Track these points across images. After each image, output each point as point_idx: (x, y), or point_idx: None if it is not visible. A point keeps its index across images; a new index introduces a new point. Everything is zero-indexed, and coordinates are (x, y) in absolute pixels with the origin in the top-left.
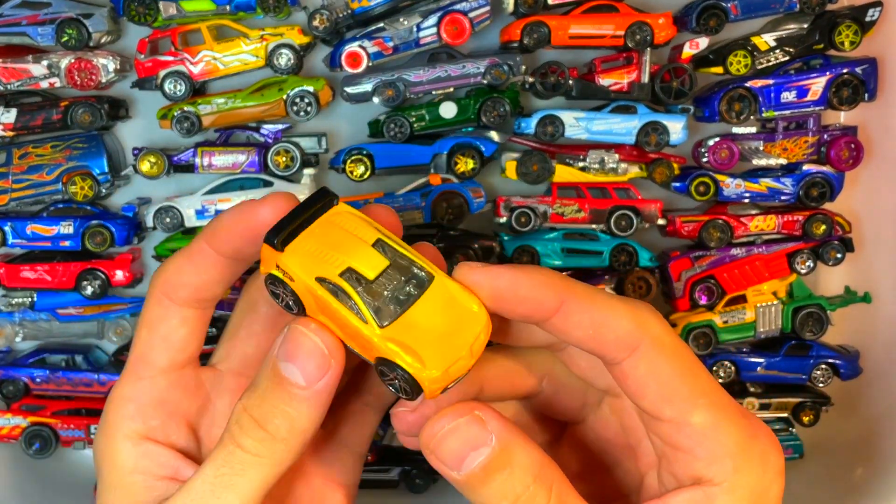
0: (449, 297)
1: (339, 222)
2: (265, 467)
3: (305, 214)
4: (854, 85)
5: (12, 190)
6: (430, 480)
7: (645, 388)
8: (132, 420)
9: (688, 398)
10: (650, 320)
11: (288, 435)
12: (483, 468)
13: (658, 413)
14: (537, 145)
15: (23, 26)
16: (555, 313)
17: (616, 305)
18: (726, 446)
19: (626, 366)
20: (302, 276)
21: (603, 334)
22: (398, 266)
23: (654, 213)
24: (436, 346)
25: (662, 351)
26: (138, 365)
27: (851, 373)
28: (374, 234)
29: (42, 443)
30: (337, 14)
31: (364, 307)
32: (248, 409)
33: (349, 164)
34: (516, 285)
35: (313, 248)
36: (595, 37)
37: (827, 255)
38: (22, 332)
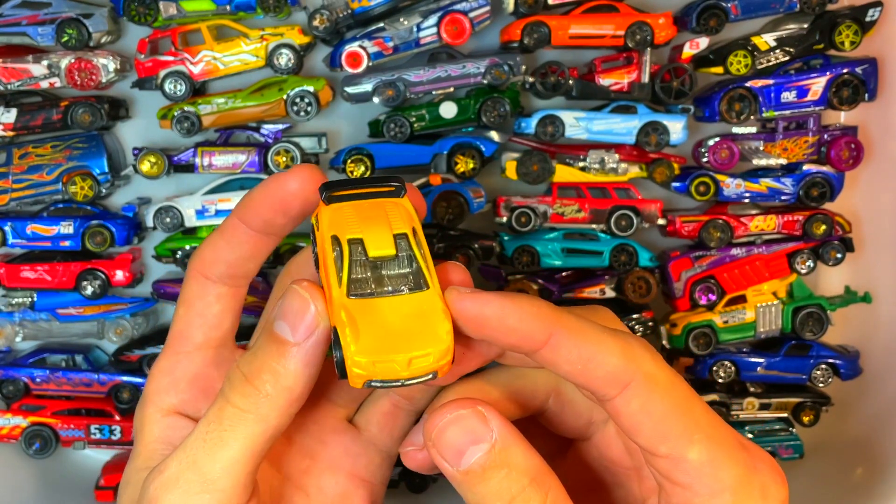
0: (426, 311)
1: (386, 206)
2: (252, 423)
3: (368, 188)
4: (854, 85)
5: (12, 190)
6: (430, 480)
7: (639, 425)
8: (165, 393)
9: (683, 434)
10: (642, 355)
11: (273, 391)
12: (481, 465)
13: (654, 450)
14: (537, 145)
15: (23, 26)
16: (543, 346)
17: (606, 340)
18: (724, 481)
19: (617, 402)
20: (324, 229)
21: (592, 370)
22: (402, 261)
23: (655, 213)
24: (380, 339)
25: (655, 387)
26: (176, 341)
27: (851, 373)
28: (405, 228)
29: (42, 443)
30: (337, 14)
31: (345, 272)
32: (239, 365)
33: (349, 164)
34: (504, 315)
35: (349, 213)
36: (595, 37)
37: (827, 255)
38: (22, 332)
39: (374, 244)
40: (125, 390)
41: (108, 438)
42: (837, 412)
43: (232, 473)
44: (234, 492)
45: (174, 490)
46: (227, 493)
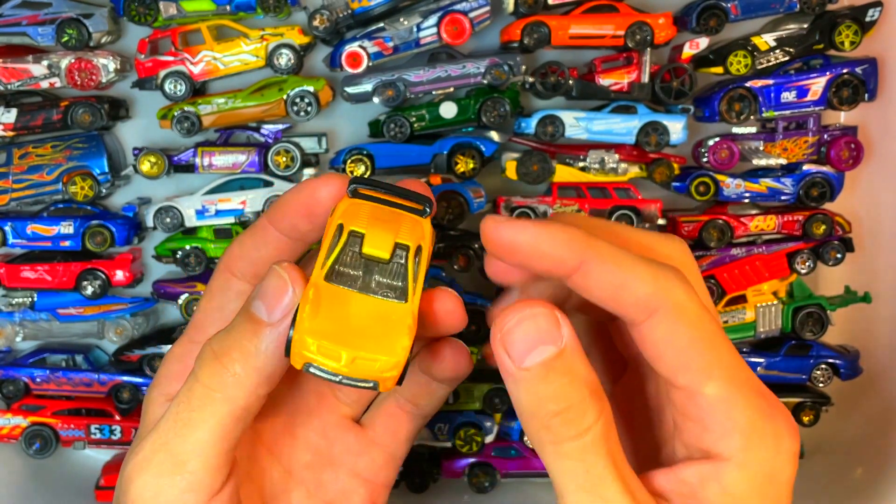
0: (393, 320)
1: (404, 218)
2: (219, 403)
3: (396, 198)
4: (854, 85)
5: (12, 190)
6: (430, 480)
7: (661, 352)
8: (174, 378)
9: (703, 368)
10: (673, 285)
11: (242, 371)
12: (546, 365)
13: (672, 379)
14: (537, 145)
15: (23, 26)
16: (575, 272)
17: (638, 267)
18: (737, 421)
19: (643, 328)
20: (335, 216)
21: (622, 296)
22: (393, 269)
23: (654, 213)
24: (335, 327)
25: (682, 317)
26: (193, 329)
27: (851, 373)
28: (410, 242)
29: (42, 443)
30: (337, 14)
31: (333, 256)
32: (210, 343)
33: (349, 164)
34: (537, 241)
35: (364, 211)
36: (595, 37)
37: (827, 255)
38: (22, 332)
39: (372, 243)
40: (125, 390)
41: (109, 438)
42: (837, 412)
43: (202, 455)
44: (205, 474)
45: (147, 471)
46: (199, 475)
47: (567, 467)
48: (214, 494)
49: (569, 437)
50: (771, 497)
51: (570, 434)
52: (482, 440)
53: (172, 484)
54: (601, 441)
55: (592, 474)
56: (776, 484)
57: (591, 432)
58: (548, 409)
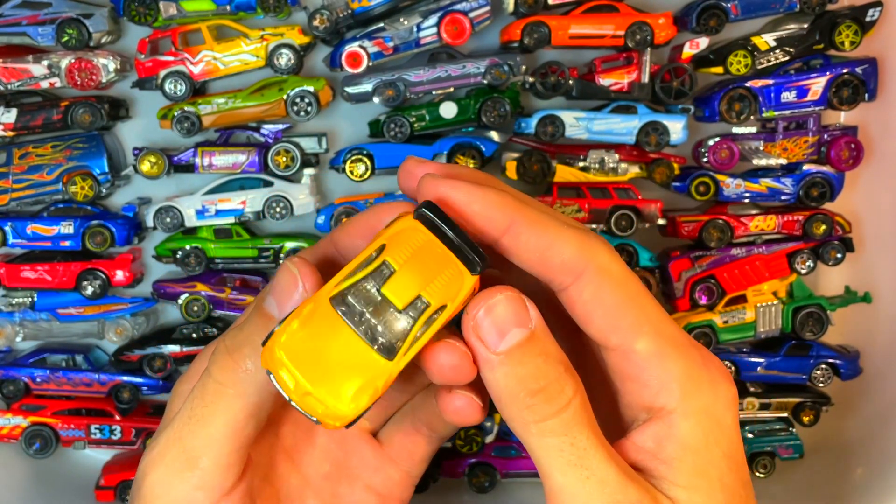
0: (366, 374)
1: (449, 270)
2: (231, 399)
3: (456, 241)
4: (854, 85)
5: (12, 190)
6: (430, 480)
7: (591, 314)
8: None
9: (632, 326)
10: (597, 248)
11: (253, 367)
12: (520, 346)
13: (605, 341)
14: (537, 145)
15: (23, 26)
16: (504, 234)
17: (564, 232)
18: (672, 372)
19: (571, 291)
20: (385, 234)
21: (549, 258)
22: (400, 321)
23: (655, 213)
24: (306, 354)
25: (607, 278)
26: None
27: (851, 373)
28: (435, 301)
29: (42, 443)
30: (337, 14)
31: (350, 281)
32: (223, 339)
33: (349, 163)
34: (469, 200)
35: (412, 244)
36: (595, 37)
37: (827, 255)
38: (22, 332)
39: (396, 285)
40: (125, 390)
41: (108, 438)
42: (837, 412)
43: (214, 452)
44: (217, 471)
45: (160, 466)
46: (210, 473)
47: (552, 444)
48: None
49: (552, 414)
50: (721, 441)
51: (553, 410)
52: (482, 440)
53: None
54: (582, 413)
55: (577, 447)
56: (724, 427)
57: (571, 406)
58: (528, 388)
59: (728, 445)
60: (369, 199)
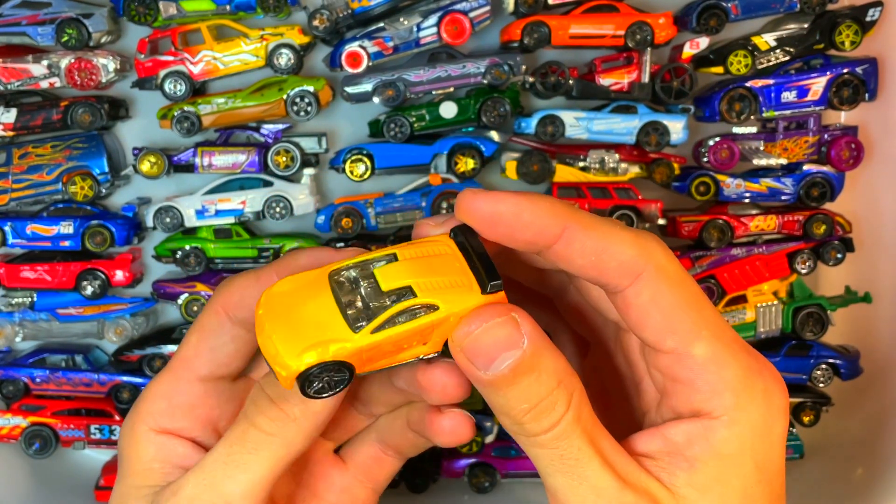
0: (324, 337)
1: (459, 281)
2: (277, 447)
3: (473, 259)
4: (854, 85)
5: (12, 190)
6: (430, 480)
7: (647, 317)
8: (160, 416)
9: (690, 329)
10: (655, 248)
11: (301, 415)
12: (512, 370)
13: (659, 344)
14: (538, 145)
15: (23, 26)
16: (557, 240)
17: (619, 233)
18: (727, 380)
19: (628, 293)
20: (421, 242)
21: (605, 261)
22: (380, 302)
23: (655, 213)
24: (284, 309)
25: (666, 279)
26: (181, 367)
27: (852, 373)
28: (429, 299)
29: (42, 443)
30: (337, 14)
31: (354, 259)
32: (265, 387)
33: (349, 163)
34: (519, 210)
35: (432, 250)
36: (595, 37)
37: (827, 255)
38: (22, 332)
39: (391, 270)
40: (125, 390)
41: (108, 438)
42: (837, 412)
43: (251, 496)
44: None
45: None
46: None
47: (543, 454)
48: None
49: (542, 430)
50: (765, 452)
51: (543, 427)
52: (482, 440)
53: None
54: (574, 424)
55: (568, 458)
56: (770, 439)
57: (563, 421)
58: (519, 408)
59: (766, 457)
60: (369, 200)
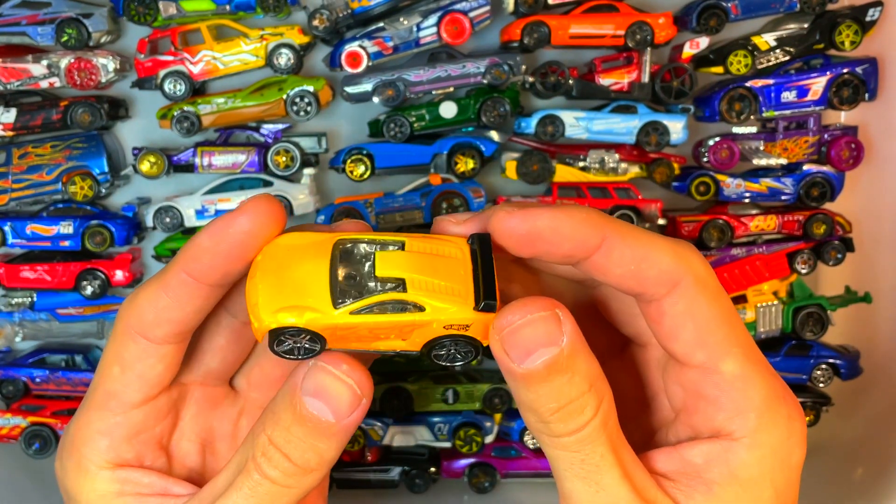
0: (304, 303)
1: (457, 290)
2: (292, 496)
3: (479, 272)
4: (854, 85)
5: (12, 190)
6: (430, 480)
7: (680, 328)
8: (106, 453)
9: (721, 344)
10: (693, 258)
11: (317, 466)
12: (547, 367)
13: (688, 357)
14: (537, 145)
15: (22, 26)
16: (596, 250)
17: (658, 241)
18: (753, 401)
19: (664, 303)
20: (440, 238)
21: (644, 270)
22: (371, 285)
23: (655, 212)
24: (284, 261)
25: (703, 291)
26: (109, 401)
27: (852, 373)
28: (417, 299)
29: (42, 443)
30: (337, 14)
31: (364, 236)
32: (274, 440)
33: (349, 163)
34: (557, 224)
35: (444, 249)
36: (595, 36)
37: (827, 255)
38: (22, 332)
39: (391, 258)
40: None
41: None
42: (837, 412)
43: None
44: None
45: None
46: None
47: (563, 457)
48: None
49: (567, 432)
50: (782, 479)
51: (569, 429)
52: (482, 440)
53: None
54: (600, 430)
55: (589, 463)
56: (789, 465)
57: (588, 426)
58: (546, 406)
59: (785, 483)
60: (369, 200)
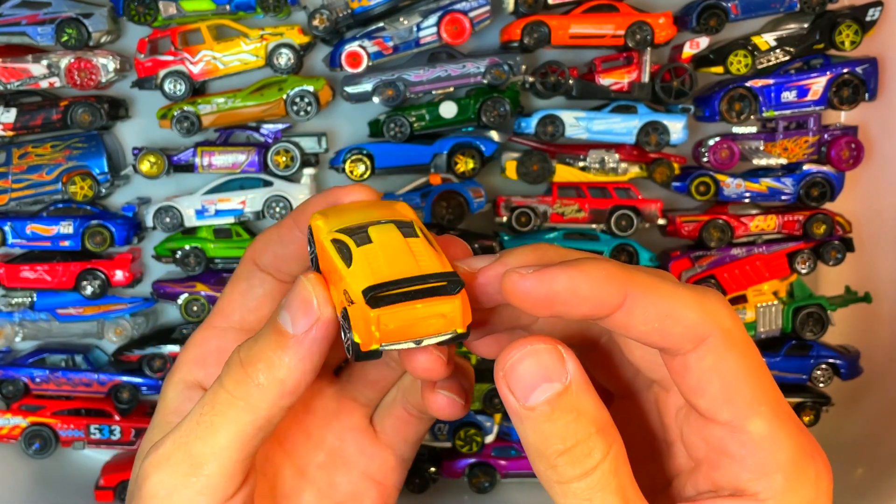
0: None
1: (371, 270)
2: (241, 411)
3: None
4: (854, 85)
5: (12, 190)
6: (430, 480)
7: (706, 384)
8: (194, 363)
9: (749, 402)
10: (721, 311)
11: (265, 381)
12: (550, 403)
13: (714, 414)
14: (537, 145)
15: (22, 26)
16: (618, 309)
17: (683, 294)
18: (780, 461)
19: (690, 358)
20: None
21: (668, 326)
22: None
23: (655, 212)
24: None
25: (732, 346)
26: (216, 315)
27: (852, 373)
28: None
29: (42, 443)
30: (337, 14)
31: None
32: (238, 350)
33: (349, 163)
34: (575, 286)
35: (425, 243)
36: (595, 36)
37: (827, 254)
38: (22, 332)
39: (379, 229)
40: (125, 390)
41: (108, 438)
42: (837, 412)
43: (220, 459)
44: (221, 479)
45: (164, 468)
46: (214, 479)
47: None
48: (228, 499)
49: (575, 477)
50: None
51: (576, 473)
52: (482, 440)
53: (187, 485)
54: (610, 477)
55: None
56: None
57: (597, 470)
58: (554, 447)
59: None
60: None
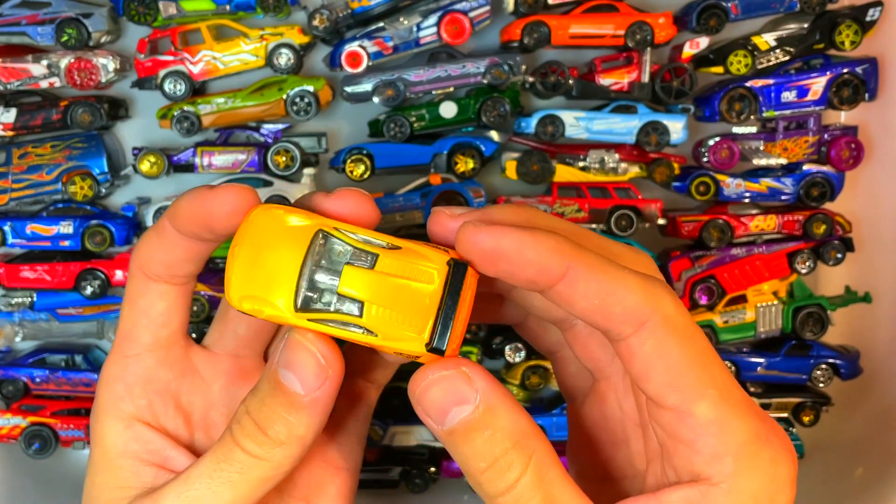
0: (275, 292)
1: (412, 319)
2: (264, 469)
3: (446, 311)
4: (854, 85)
5: (12, 190)
6: (430, 480)
7: (650, 369)
8: (121, 400)
9: (694, 386)
10: (663, 296)
11: (287, 440)
12: (464, 425)
13: (661, 399)
14: (537, 145)
15: (22, 26)
16: (560, 280)
17: (626, 277)
18: (729, 445)
19: (631, 342)
20: (418, 244)
21: (609, 305)
22: (323, 294)
23: (655, 212)
24: (264, 239)
25: (673, 331)
26: (124, 343)
27: (852, 373)
28: (370, 321)
29: (42, 443)
30: (337, 14)
31: (346, 237)
32: (249, 411)
33: (349, 163)
34: (521, 247)
35: (419, 273)
36: (595, 36)
37: (827, 254)
38: (21, 332)
39: (361, 276)
40: None
41: None
42: (837, 412)
43: None
44: None
45: None
46: None
47: None
48: None
49: (499, 493)
50: None
51: (500, 489)
52: None
53: None
54: (533, 490)
55: None
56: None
57: (519, 484)
58: (476, 466)
59: None
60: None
